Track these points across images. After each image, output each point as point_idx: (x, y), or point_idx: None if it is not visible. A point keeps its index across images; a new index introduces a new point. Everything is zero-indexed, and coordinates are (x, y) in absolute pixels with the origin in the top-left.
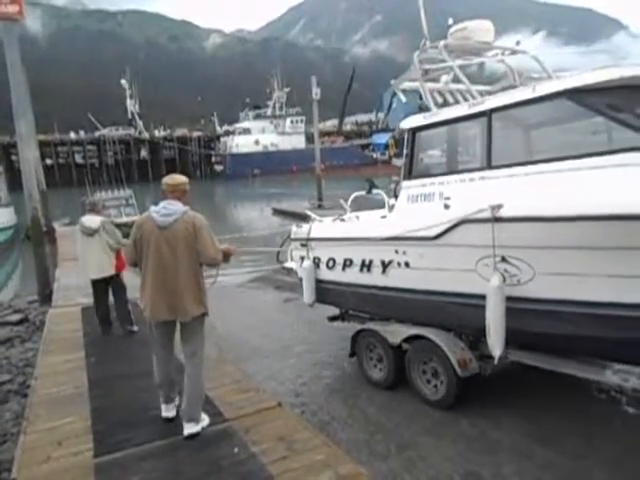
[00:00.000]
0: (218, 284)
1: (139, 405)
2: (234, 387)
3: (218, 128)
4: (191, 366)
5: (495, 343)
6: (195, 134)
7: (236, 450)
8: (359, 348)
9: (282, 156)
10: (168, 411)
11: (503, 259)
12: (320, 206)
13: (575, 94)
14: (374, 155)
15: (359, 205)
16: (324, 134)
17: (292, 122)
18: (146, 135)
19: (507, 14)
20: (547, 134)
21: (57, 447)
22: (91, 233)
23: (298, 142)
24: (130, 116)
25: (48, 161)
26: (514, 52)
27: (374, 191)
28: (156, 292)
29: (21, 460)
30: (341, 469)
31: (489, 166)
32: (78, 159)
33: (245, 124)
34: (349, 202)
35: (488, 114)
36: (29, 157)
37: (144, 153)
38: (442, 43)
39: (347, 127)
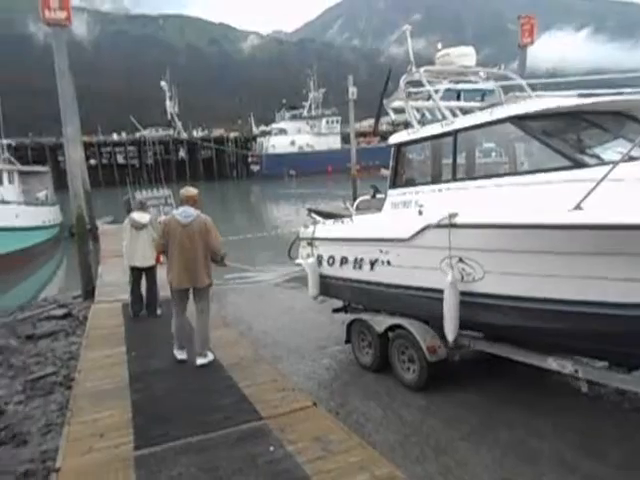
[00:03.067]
0: (255, 283)
1: (177, 401)
2: (270, 386)
3: (255, 129)
4: (200, 319)
5: (449, 330)
6: (232, 135)
7: (272, 448)
8: (353, 336)
9: (318, 156)
10: (181, 355)
11: (460, 260)
12: (359, 207)
13: (516, 120)
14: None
15: (368, 207)
16: (360, 134)
17: (328, 122)
18: (184, 136)
19: (552, 11)
20: (498, 153)
21: (99, 439)
22: (140, 227)
23: (334, 142)
24: (169, 117)
25: (92, 161)
26: (498, 73)
27: (378, 195)
28: (181, 269)
29: (65, 450)
30: (377, 471)
31: (454, 178)
32: (120, 159)
33: (281, 124)
34: (354, 205)
35: (454, 133)
36: (75, 158)
37: (182, 153)
38: (422, 69)
39: (383, 127)
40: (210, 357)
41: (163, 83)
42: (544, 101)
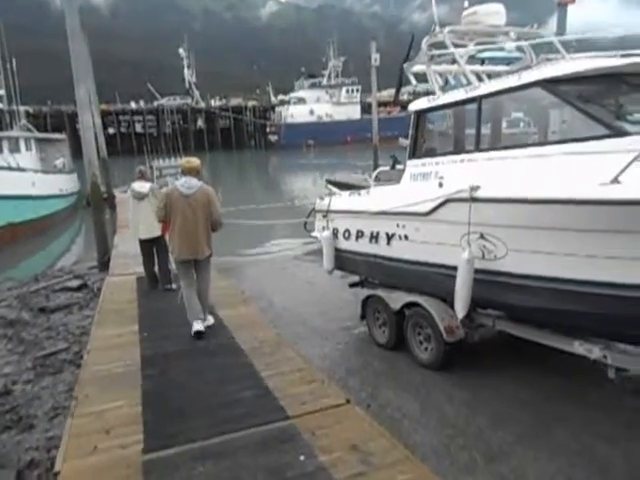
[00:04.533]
0: (275, 256)
1: (191, 392)
2: (296, 377)
3: (273, 98)
4: (202, 286)
5: (459, 307)
6: (250, 104)
7: (302, 458)
8: (368, 312)
9: (337, 126)
10: (197, 325)
11: (482, 236)
12: (377, 178)
13: (547, 84)
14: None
15: (387, 178)
16: (380, 104)
17: (348, 92)
18: (202, 105)
19: None
20: (527, 123)
21: (105, 436)
22: (141, 198)
23: (353, 112)
24: (187, 86)
25: (110, 130)
26: (530, 33)
27: (397, 166)
28: (182, 240)
29: (67, 449)
30: None
31: (477, 149)
32: (138, 128)
33: (300, 94)
34: (373, 176)
35: (478, 100)
36: (88, 123)
37: (200, 122)
38: (446, 30)
39: (404, 97)
40: (210, 321)
41: (181, 50)
42: (578, 62)
